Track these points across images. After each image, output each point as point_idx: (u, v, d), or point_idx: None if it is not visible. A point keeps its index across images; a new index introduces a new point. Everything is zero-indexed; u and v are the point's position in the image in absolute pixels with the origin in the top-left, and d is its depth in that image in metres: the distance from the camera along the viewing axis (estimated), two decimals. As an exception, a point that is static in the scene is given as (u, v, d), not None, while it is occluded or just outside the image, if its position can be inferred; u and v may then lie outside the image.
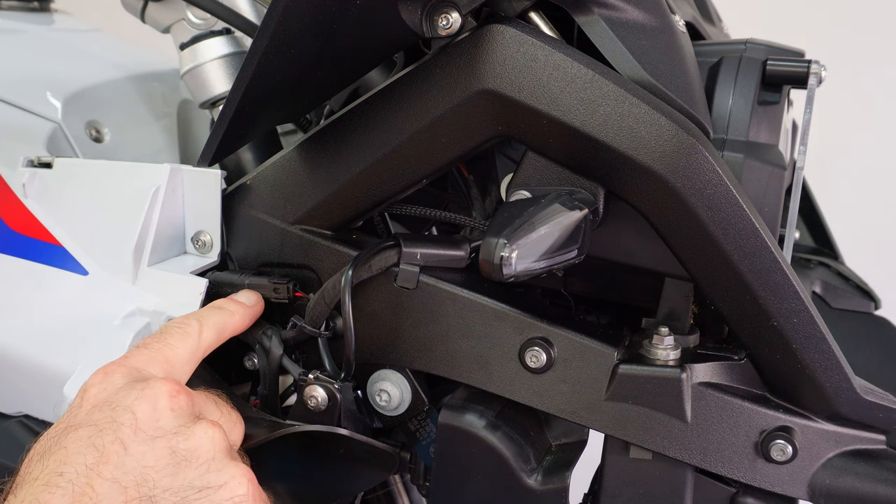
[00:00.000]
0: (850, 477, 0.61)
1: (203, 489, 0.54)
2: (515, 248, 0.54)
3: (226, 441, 0.57)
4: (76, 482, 0.51)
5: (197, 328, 0.64)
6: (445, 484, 0.69)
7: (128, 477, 0.52)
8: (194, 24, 0.82)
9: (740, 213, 0.58)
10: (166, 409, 0.56)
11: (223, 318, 0.67)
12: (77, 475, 0.51)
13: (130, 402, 0.55)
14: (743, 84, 0.69)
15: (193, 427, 0.56)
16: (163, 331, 0.63)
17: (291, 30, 0.54)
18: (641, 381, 0.62)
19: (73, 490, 0.51)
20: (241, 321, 0.68)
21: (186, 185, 0.73)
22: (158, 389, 0.56)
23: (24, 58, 0.99)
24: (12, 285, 0.76)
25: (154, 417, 0.55)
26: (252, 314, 0.70)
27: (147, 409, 0.55)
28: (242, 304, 0.69)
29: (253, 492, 0.56)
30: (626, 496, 0.66)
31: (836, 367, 0.61)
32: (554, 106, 0.59)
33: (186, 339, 0.63)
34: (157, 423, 0.55)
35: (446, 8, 0.59)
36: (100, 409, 0.55)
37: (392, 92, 0.65)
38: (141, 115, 0.98)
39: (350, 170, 0.68)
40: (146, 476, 0.52)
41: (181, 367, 0.62)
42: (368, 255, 0.66)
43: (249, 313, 0.70)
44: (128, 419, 0.54)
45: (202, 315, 0.66)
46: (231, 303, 0.69)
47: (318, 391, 0.67)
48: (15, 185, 0.77)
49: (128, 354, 0.60)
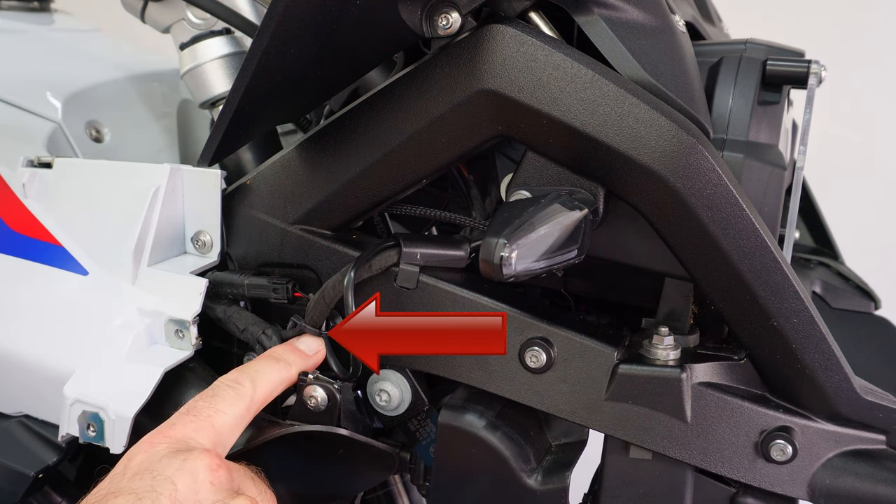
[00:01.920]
0: (850, 477, 0.61)
1: None
2: (515, 248, 0.54)
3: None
4: None
5: (250, 390, 0.61)
6: (445, 484, 0.69)
7: None
8: (194, 24, 0.82)
9: (740, 213, 0.58)
10: (206, 482, 0.55)
11: (280, 374, 0.64)
12: None
13: (171, 473, 0.54)
14: (743, 84, 0.69)
15: (231, 502, 0.55)
16: (214, 392, 0.61)
17: (291, 30, 0.54)
18: (641, 381, 0.62)
19: None
20: (297, 374, 0.66)
21: (186, 185, 0.73)
22: (200, 462, 0.55)
23: (24, 58, 0.99)
24: (12, 285, 0.76)
25: (194, 490, 0.54)
26: (312, 364, 0.67)
27: (187, 481, 0.54)
28: (303, 354, 0.67)
29: None
30: (626, 496, 0.66)
31: (836, 367, 0.61)
32: (554, 106, 0.59)
33: (238, 402, 0.60)
34: (196, 495, 0.54)
35: (446, 8, 0.59)
36: (141, 476, 0.55)
37: (392, 92, 0.65)
38: (141, 115, 0.98)
39: (350, 170, 0.68)
40: None
41: (228, 435, 0.60)
42: (369, 256, 0.66)
43: (310, 363, 0.67)
44: (168, 489, 0.53)
45: (258, 371, 0.63)
46: (290, 353, 0.66)
47: (318, 391, 0.66)
48: (15, 185, 0.77)
49: (174, 421, 0.59)
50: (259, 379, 0.62)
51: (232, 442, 0.60)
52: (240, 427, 0.61)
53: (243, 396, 0.61)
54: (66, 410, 0.69)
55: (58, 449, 0.73)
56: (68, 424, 0.69)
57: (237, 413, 0.60)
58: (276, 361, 0.65)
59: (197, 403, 0.60)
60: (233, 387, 0.61)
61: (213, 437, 0.58)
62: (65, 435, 0.70)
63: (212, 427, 0.59)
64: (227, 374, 0.63)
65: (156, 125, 0.99)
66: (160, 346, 0.72)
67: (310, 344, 0.68)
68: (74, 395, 0.69)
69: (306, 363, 0.67)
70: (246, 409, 0.61)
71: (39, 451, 0.73)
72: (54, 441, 0.73)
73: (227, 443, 0.60)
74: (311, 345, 0.68)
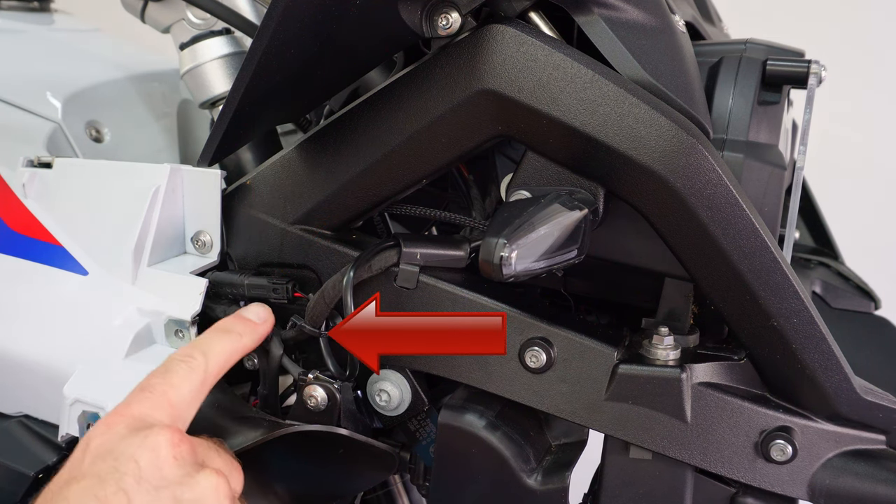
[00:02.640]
0: (850, 477, 0.61)
1: None
2: (515, 248, 0.54)
3: (229, 489, 0.56)
4: None
5: (202, 362, 0.61)
6: (445, 484, 0.69)
7: None
8: (194, 24, 0.82)
9: (740, 213, 0.58)
10: (169, 457, 0.54)
11: (230, 344, 0.64)
12: None
13: (133, 452, 0.54)
14: (743, 84, 0.69)
15: (197, 476, 0.55)
16: (166, 368, 0.60)
17: (291, 30, 0.54)
18: (641, 381, 0.62)
19: None
20: (250, 342, 0.65)
21: (186, 185, 0.73)
22: (161, 438, 0.54)
23: (24, 58, 0.99)
24: (12, 285, 0.76)
25: (157, 466, 0.54)
26: (263, 331, 0.67)
27: (150, 458, 0.54)
28: (251, 322, 0.66)
29: None
30: (626, 496, 0.66)
31: (836, 367, 0.61)
32: (554, 106, 0.59)
33: (191, 375, 0.60)
34: (160, 471, 0.54)
35: (446, 8, 0.59)
36: (102, 459, 0.54)
37: (392, 92, 0.65)
38: (141, 115, 0.98)
39: (350, 170, 0.68)
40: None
41: (186, 409, 0.59)
42: (369, 256, 0.66)
43: (259, 332, 0.66)
44: (131, 468, 0.53)
45: (207, 345, 0.62)
46: (238, 323, 0.66)
47: (318, 391, 0.67)
48: (15, 185, 0.77)
49: (130, 400, 0.58)
50: (210, 351, 0.62)
51: (190, 416, 0.59)
52: (196, 401, 0.60)
53: (196, 370, 0.60)
54: (66, 410, 0.69)
55: (58, 449, 0.73)
56: (68, 424, 0.69)
57: (192, 387, 0.59)
58: (226, 333, 0.64)
59: (151, 380, 0.59)
60: (185, 361, 0.60)
61: (170, 413, 0.58)
62: (65, 435, 0.70)
63: (168, 403, 0.58)
64: (178, 350, 0.62)
65: (156, 125, 0.99)
66: (160, 346, 0.72)
67: (258, 312, 0.68)
68: (74, 394, 0.69)
69: (255, 331, 0.66)
70: (201, 382, 0.60)
71: (39, 451, 0.73)
72: (54, 441, 0.73)
73: (185, 417, 0.59)
74: (259, 313, 0.67)
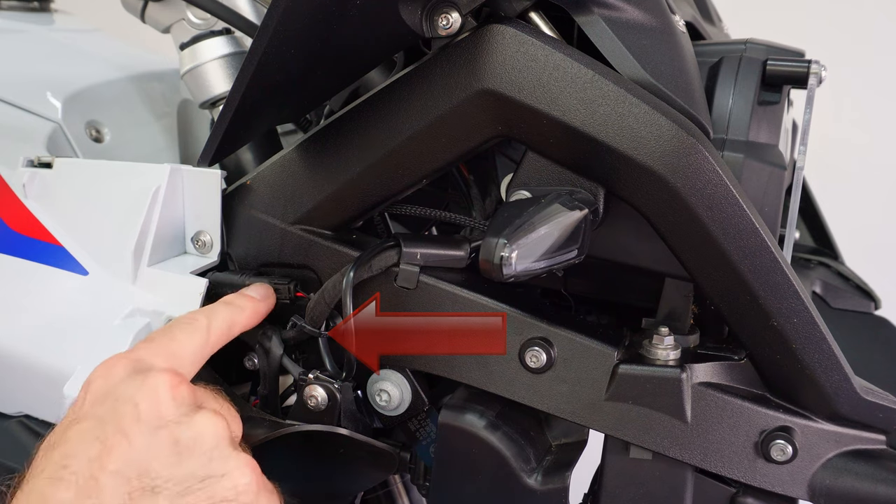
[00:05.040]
0: (850, 477, 0.61)
1: (206, 479, 0.54)
2: (515, 248, 0.54)
3: (228, 430, 0.57)
4: (80, 475, 0.51)
5: (205, 324, 0.62)
6: (445, 484, 0.69)
7: (131, 468, 0.52)
8: (194, 24, 0.82)
9: (740, 213, 0.58)
10: (168, 398, 0.55)
11: (233, 314, 0.65)
12: (81, 468, 0.51)
13: (132, 393, 0.55)
14: (743, 84, 0.69)
15: (195, 416, 0.55)
16: (170, 326, 0.62)
17: (291, 30, 0.54)
18: (641, 381, 0.62)
19: (77, 483, 0.51)
20: (251, 317, 0.67)
21: (186, 185, 0.73)
22: (159, 379, 0.56)
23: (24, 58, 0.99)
24: (12, 285, 0.76)
25: (156, 407, 0.54)
26: (263, 309, 0.68)
27: (149, 399, 0.54)
28: (253, 298, 0.68)
29: (257, 481, 0.56)
30: (626, 496, 0.66)
31: (836, 367, 0.61)
32: (554, 106, 0.59)
33: (193, 334, 0.61)
34: (158, 412, 0.54)
35: (446, 8, 0.59)
36: (102, 401, 0.55)
37: (392, 92, 0.65)
38: (141, 115, 0.98)
39: (350, 170, 0.68)
40: (149, 466, 0.52)
41: (186, 362, 0.60)
42: (369, 256, 0.66)
43: (260, 308, 0.68)
44: (129, 410, 0.54)
45: (211, 311, 0.64)
46: (241, 298, 0.67)
47: (318, 391, 0.67)
48: (15, 185, 0.77)
49: (132, 348, 0.60)
50: (214, 318, 0.63)
51: (192, 373, 0.60)
52: (199, 359, 0.61)
53: (199, 329, 0.62)
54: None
55: (58, 449, 0.73)
56: (68, 424, 0.69)
57: (195, 344, 0.61)
58: (230, 305, 0.66)
59: (154, 334, 0.61)
60: (189, 321, 0.62)
61: (170, 360, 0.59)
62: (65, 435, 0.70)
63: (169, 352, 0.59)
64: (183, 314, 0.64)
65: (156, 125, 0.99)
66: (160, 346, 0.72)
67: (259, 290, 0.69)
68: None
69: (256, 307, 0.67)
70: (203, 341, 0.62)
71: (39, 451, 0.73)
72: (54, 441, 0.73)
73: (186, 368, 0.60)
74: (260, 291, 0.69)
